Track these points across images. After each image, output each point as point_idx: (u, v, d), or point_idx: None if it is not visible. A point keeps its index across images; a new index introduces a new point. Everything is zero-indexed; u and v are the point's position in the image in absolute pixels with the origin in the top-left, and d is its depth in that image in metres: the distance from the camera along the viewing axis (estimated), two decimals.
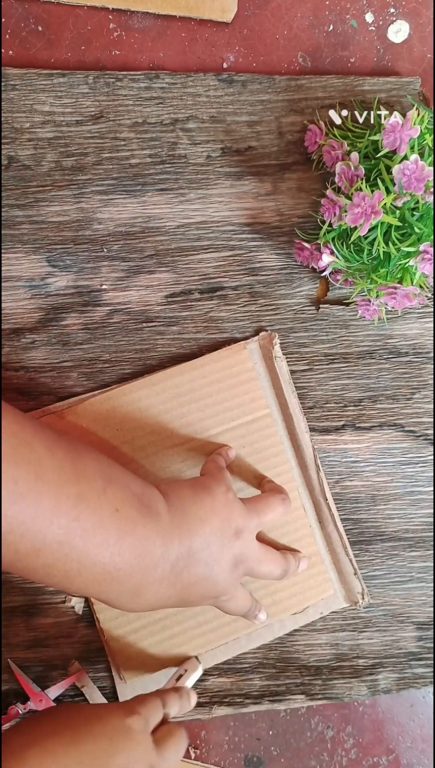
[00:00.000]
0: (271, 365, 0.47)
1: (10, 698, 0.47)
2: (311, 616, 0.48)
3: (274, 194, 0.48)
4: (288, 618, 0.48)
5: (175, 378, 0.47)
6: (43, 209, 0.47)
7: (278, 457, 0.48)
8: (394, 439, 0.49)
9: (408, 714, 0.49)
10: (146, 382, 0.46)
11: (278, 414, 0.48)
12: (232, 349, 0.47)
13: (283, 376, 0.48)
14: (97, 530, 0.33)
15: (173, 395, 0.46)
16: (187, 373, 0.47)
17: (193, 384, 0.47)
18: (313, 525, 0.48)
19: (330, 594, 0.48)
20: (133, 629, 0.46)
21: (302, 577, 0.48)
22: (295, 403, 0.48)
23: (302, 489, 0.49)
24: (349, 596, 0.48)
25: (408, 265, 0.43)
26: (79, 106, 0.47)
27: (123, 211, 0.47)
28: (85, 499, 0.33)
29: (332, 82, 0.48)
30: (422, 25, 0.50)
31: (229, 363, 0.47)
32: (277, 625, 0.48)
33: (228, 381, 0.47)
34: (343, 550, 0.48)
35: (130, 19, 0.48)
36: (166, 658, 0.46)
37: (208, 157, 0.48)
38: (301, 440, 0.48)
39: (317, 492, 0.48)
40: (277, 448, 0.48)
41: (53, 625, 0.47)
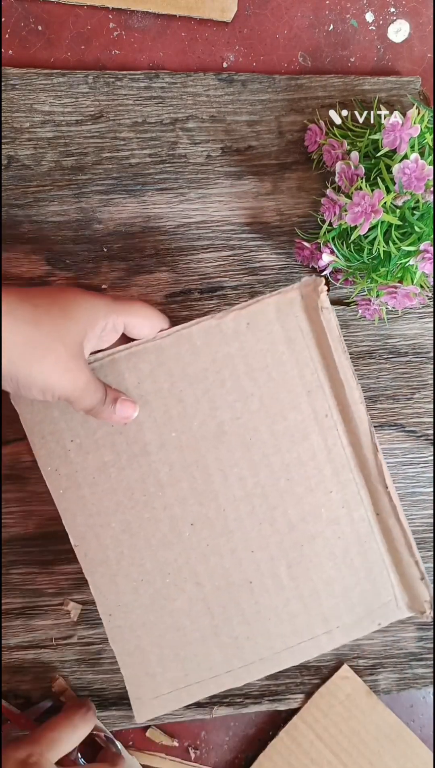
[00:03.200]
0: (316, 318, 0.40)
1: (10, 698, 0.47)
2: (366, 627, 0.42)
3: (274, 194, 0.48)
4: (338, 630, 0.42)
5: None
6: (43, 209, 0.47)
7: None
8: (395, 439, 0.49)
9: (408, 714, 0.49)
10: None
11: (325, 380, 0.41)
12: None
13: (332, 332, 0.40)
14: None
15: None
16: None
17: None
18: (370, 518, 0.42)
19: (388, 600, 0.43)
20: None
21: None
22: (347, 366, 0.40)
23: (356, 473, 0.42)
24: (412, 604, 0.42)
25: (408, 265, 0.43)
26: (78, 105, 0.47)
27: (123, 211, 0.47)
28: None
29: (332, 82, 0.48)
30: (422, 25, 0.50)
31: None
32: (324, 638, 0.42)
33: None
34: (407, 549, 0.42)
35: (130, 19, 0.48)
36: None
37: (208, 156, 0.48)
38: (355, 413, 0.41)
39: (374, 477, 0.41)
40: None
41: (52, 627, 0.47)
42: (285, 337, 0.41)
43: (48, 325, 0.34)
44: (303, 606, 0.42)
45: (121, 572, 0.41)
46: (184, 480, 0.41)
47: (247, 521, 0.42)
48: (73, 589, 0.47)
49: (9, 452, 0.47)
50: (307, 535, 0.42)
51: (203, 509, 0.41)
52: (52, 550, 0.47)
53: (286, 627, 0.42)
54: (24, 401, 0.40)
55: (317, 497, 0.42)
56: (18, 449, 0.47)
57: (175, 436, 0.41)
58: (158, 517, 0.41)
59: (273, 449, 0.41)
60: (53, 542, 0.47)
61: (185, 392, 0.41)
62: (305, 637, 0.42)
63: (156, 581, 0.41)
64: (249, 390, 0.41)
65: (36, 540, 0.47)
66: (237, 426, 0.41)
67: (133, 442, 0.41)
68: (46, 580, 0.47)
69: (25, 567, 0.47)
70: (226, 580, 0.42)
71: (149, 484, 0.41)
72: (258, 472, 0.41)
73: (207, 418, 0.41)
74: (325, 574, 0.42)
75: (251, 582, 0.42)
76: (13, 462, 0.47)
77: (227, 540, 0.42)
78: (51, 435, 0.41)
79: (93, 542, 0.41)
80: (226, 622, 0.42)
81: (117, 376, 0.41)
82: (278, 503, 0.42)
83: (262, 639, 0.42)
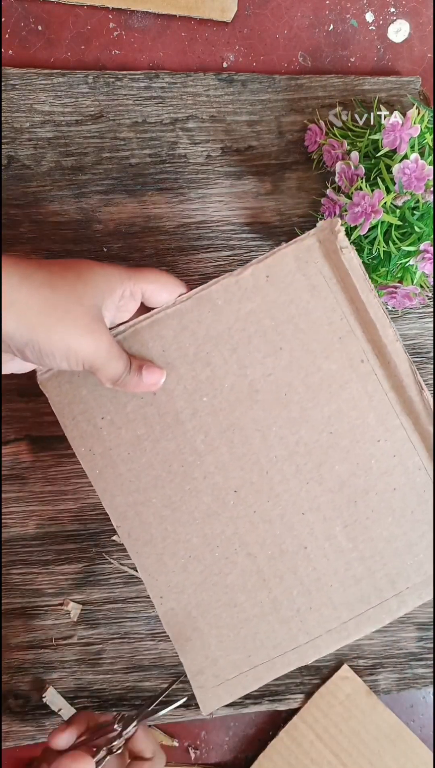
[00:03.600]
0: (338, 261, 0.38)
1: (10, 698, 0.47)
2: (410, 602, 0.40)
3: (274, 194, 0.48)
4: (408, 591, 0.40)
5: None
6: (43, 209, 0.47)
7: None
8: None
9: (408, 714, 0.49)
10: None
11: (356, 323, 0.39)
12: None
13: (355, 270, 0.38)
14: None
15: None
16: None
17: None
18: (425, 464, 0.39)
19: (430, 576, 0.40)
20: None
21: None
22: (377, 304, 0.38)
23: (404, 418, 0.39)
24: None
25: (408, 265, 0.43)
26: (78, 105, 0.47)
27: (123, 211, 0.47)
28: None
29: (332, 82, 0.48)
30: (422, 25, 0.50)
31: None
32: (394, 602, 0.40)
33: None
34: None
35: (129, 19, 0.48)
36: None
37: (208, 156, 0.48)
38: (392, 353, 0.39)
39: (424, 419, 0.39)
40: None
41: (52, 627, 0.47)
42: (308, 285, 0.39)
43: (64, 288, 0.34)
44: (366, 568, 0.40)
45: (167, 551, 0.40)
46: (222, 445, 0.40)
47: (294, 482, 0.40)
48: (73, 589, 0.47)
49: (9, 452, 0.47)
50: (360, 490, 0.40)
51: (246, 474, 0.40)
52: (52, 550, 0.47)
53: (350, 593, 0.40)
54: (52, 385, 0.40)
55: (365, 448, 0.40)
56: (18, 449, 0.47)
57: (207, 401, 0.40)
58: (199, 488, 0.40)
59: (311, 403, 0.40)
60: (53, 542, 0.47)
61: (212, 354, 0.40)
62: (374, 603, 0.40)
63: (205, 557, 0.40)
64: (278, 344, 0.39)
65: (36, 540, 0.47)
66: (269, 383, 0.40)
67: (165, 412, 0.40)
68: (46, 580, 0.47)
69: (25, 567, 0.47)
70: (279, 547, 0.40)
71: (187, 454, 0.40)
72: (298, 428, 0.40)
73: (238, 379, 0.40)
74: (386, 531, 0.40)
75: (306, 547, 0.40)
76: (13, 462, 0.47)
77: (274, 504, 0.40)
78: (81, 415, 0.40)
79: (135, 521, 0.40)
80: (285, 593, 0.40)
81: (141, 347, 0.40)
82: (324, 459, 0.40)
83: (327, 609, 0.40)
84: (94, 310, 0.35)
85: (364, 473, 0.40)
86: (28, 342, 0.33)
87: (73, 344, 0.34)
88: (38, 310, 0.33)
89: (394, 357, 0.39)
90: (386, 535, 0.40)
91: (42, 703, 0.46)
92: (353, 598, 0.40)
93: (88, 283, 0.35)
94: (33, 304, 0.32)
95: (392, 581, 0.40)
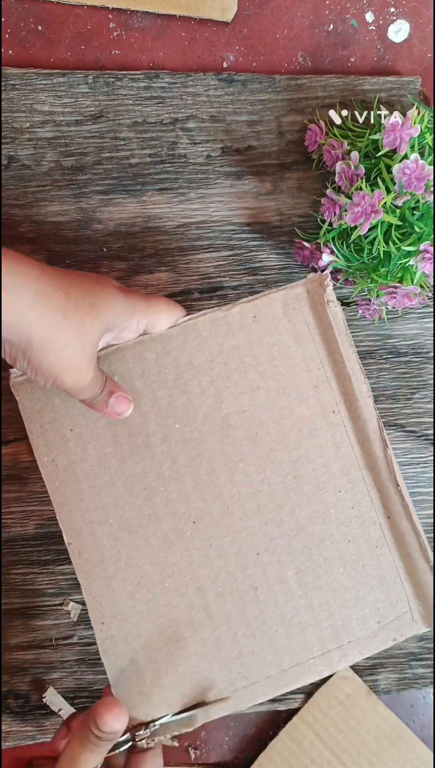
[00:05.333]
0: (323, 313, 0.40)
1: (10, 698, 0.47)
2: (381, 642, 0.40)
3: (274, 194, 0.48)
4: (350, 645, 0.39)
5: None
6: (42, 209, 0.47)
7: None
8: (395, 439, 0.49)
9: (408, 714, 0.49)
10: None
11: (332, 375, 0.40)
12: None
13: (339, 325, 0.40)
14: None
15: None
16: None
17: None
18: (381, 521, 0.40)
19: (403, 612, 0.40)
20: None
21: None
22: (354, 360, 0.40)
23: (365, 472, 0.40)
24: (428, 617, 0.40)
25: (408, 265, 0.43)
26: (78, 105, 0.47)
27: (123, 211, 0.47)
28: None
29: (332, 82, 0.48)
30: (422, 25, 0.50)
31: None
32: (335, 654, 0.39)
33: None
34: (422, 554, 0.39)
35: (129, 19, 0.48)
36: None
37: (208, 156, 0.48)
38: (362, 408, 0.40)
39: (384, 476, 0.40)
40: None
41: (52, 627, 0.47)
42: (292, 331, 0.40)
43: (73, 319, 0.34)
44: (313, 617, 0.40)
45: (117, 575, 0.39)
46: (188, 474, 0.40)
47: (253, 520, 0.40)
48: (73, 589, 0.47)
49: (9, 452, 0.47)
50: (316, 537, 0.40)
51: (207, 506, 0.40)
52: (52, 550, 0.47)
53: (294, 641, 0.39)
54: (24, 389, 0.40)
55: (326, 497, 0.40)
56: (18, 449, 0.47)
57: (179, 428, 0.40)
58: (159, 514, 0.40)
59: (280, 444, 0.40)
60: (53, 542, 0.47)
61: (191, 383, 0.40)
62: (315, 653, 0.39)
63: (155, 586, 0.39)
64: (256, 383, 0.40)
65: (36, 540, 0.47)
66: (243, 419, 0.40)
67: (136, 433, 0.40)
68: (46, 580, 0.47)
69: (25, 567, 0.47)
70: (229, 585, 0.40)
71: (151, 478, 0.40)
72: (264, 468, 0.40)
73: (212, 411, 0.40)
74: (336, 581, 0.40)
75: (257, 588, 0.40)
76: (13, 462, 0.47)
77: (232, 540, 0.40)
78: (50, 424, 0.40)
79: (88, 540, 0.39)
80: (230, 633, 0.39)
81: (122, 365, 0.40)
82: (285, 501, 0.40)
83: (269, 654, 0.39)
84: (92, 347, 0.36)
85: (322, 521, 0.40)
86: (23, 354, 0.34)
87: (60, 376, 0.35)
88: (44, 335, 0.33)
89: (364, 412, 0.40)
90: (336, 586, 0.40)
91: (42, 703, 0.46)
92: (296, 646, 0.39)
93: (97, 317, 0.36)
94: (40, 326, 0.33)
95: (336, 633, 0.40)
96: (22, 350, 0.34)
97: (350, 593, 0.40)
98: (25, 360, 0.34)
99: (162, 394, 0.40)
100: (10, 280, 0.33)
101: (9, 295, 0.32)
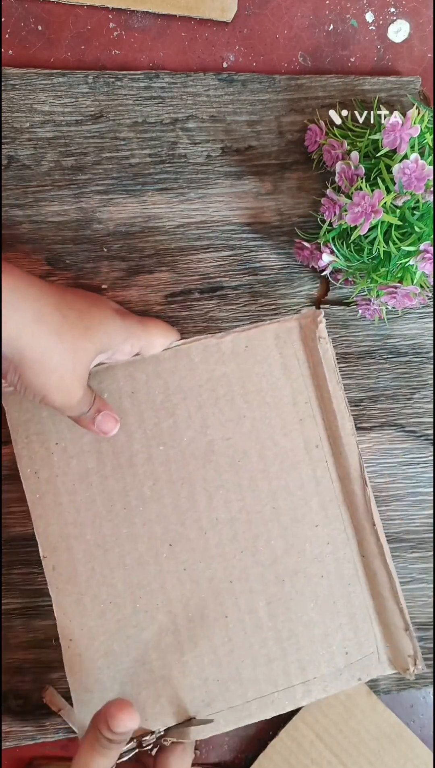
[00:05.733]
0: (313, 349, 0.41)
1: (10, 698, 0.47)
2: (345, 681, 0.40)
3: (274, 194, 0.48)
4: (315, 681, 0.40)
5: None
6: (42, 209, 0.47)
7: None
8: (395, 439, 0.49)
9: (408, 714, 0.49)
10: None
11: (318, 410, 0.41)
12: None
13: (328, 362, 0.41)
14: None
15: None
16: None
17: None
18: (355, 559, 0.41)
19: (370, 653, 0.40)
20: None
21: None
22: (341, 397, 0.41)
23: (343, 509, 0.41)
24: (395, 659, 0.41)
25: (408, 265, 0.43)
26: (78, 105, 0.47)
27: (123, 211, 0.47)
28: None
29: (332, 82, 0.48)
30: (422, 25, 0.50)
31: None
32: (300, 690, 0.40)
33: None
34: (392, 595, 0.40)
35: (129, 19, 0.48)
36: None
37: (208, 156, 0.48)
38: (345, 445, 0.41)
39: (362, 514, 0.40)
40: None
41: (52, 627, 0.47)
42: (282, 363, 0.41)
43: (68, 341, 0.35)
44: (280, 649, 0.40)
45: (89, 592, 0.39)
46: (168, 496, 0.40)
47: (229, 548, 0.40)
48: None
49: (9, 452, 0.47)
50: (290, 569, 0.40)
51: (185, 530, 0.40)
52: None
53: (260, 672, 0.39)
54: (13, 399, 0.40)
55: (302, 530, 0.40)
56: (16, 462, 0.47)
57: (163, 450, 0.41)
58: (136, 534, 0.40)
59: (261, 474, 0.41)
60: None
61: (178, 406, 0.41)
62: (280, 686, 0.40)
63: (126, 606, 0.39)
64: (242, 411, 0.41)
65: (36, 540, 0.47)
66: (227, 446, 0.41)
67: (120, 452, 0.40)
68: (45, 581, 0.47)
69: (25, 567, 0.47)
70: (200, 611, 0.40)
71: (132, 497, 0.40)
72: (244, 496, 0.40)
73: (197, 435, 0.41)
74: (306, 616, 0.40)
75: (227, 617, 0.40)
76: (13, 462, 0.47)
77: (206, 566, 0.40)
78: (36, 435, 0.40)
79: (63, 555, 0.39)
80: (197, 660, 0.39)
81: (112, 383, 0.41)
82: (262, 531, 0.40)
83: (234, 684, 0.39)
84: (83, 369, 0.36)
85: (297, 554, 0.40)
86: (15, 370, 0.35)
87: (49, 394, 0.35)
88: (37, 352, 0.34)
89: (347, 449, 0.40)
90: (305, 620, 0.40)
91: (42, 703, 0.46)
92: (262, 678, 0.39)
93: (90, 340, 0.36)
94: (35, 345, 0.34)
95: (302, 668, 0.40)
96: (14, 366, 0.34)
97: (319, 629, 0.40)
98: (16, 375, 0.35)
99: (149, 415, 0.41)
100: (9, 297, 0.33)
101: (8, 312, 0.33)
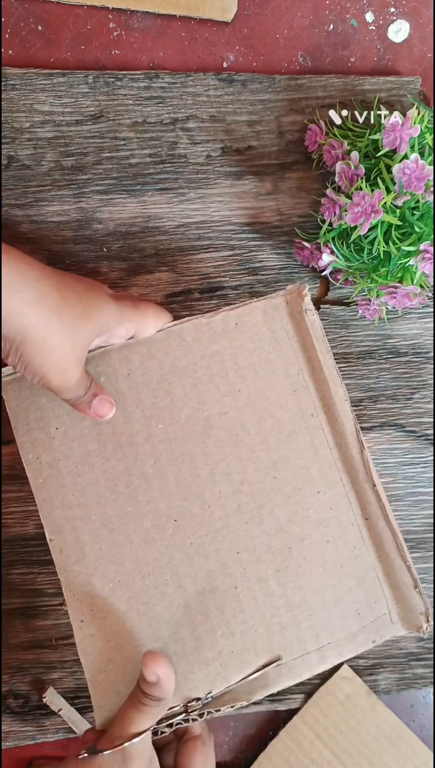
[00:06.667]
0: (301, 322, 0.42)
1: (10, 698, 0.47)
2: (360, 644, 0.40)
3: (274, 194, 0.48)
4: (330, 647, 0.39)
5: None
6: (42, 209, 0.47)
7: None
8: (395, 439, 0.49)
9: (408, 714, 0.49)
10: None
11: (310, 379, 0.42)
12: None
13: (316, 332, 0.41)
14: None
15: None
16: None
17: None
18: (359, 522, 0.41)
19: (382, 614, 0.40)
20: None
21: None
22: (331, 365, 0.41)
23: (343, 474, 0.41)
24: (407, 618, 0.40)
25: (408, 265, 0.43)
26: (78, 105, 0.47)
27: (123, 211, 0.47)
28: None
29: (332, 82, 0.48)
30: (422, 25, 0.50)
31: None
32: (315, 656, 0.39)
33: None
34: (399, 554, 0.40)
35: (130, 19, 0.48)
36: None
37: (208, 156, 0.48)
38: (339, 411, 0.41)
39: (362, 478, 0.41)
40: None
41: (52, 627, 0.47)
42: (272, 338, 0.42)
43: (68, 321, 0.36)
44: (292, 617, 0.39)
45: (97, 572, 0.39)
46: (170, 473, 0.41)
47: (233, 519, 0.40)
48: None
49: (9, 452, 0.47)
50: (296, 536, 0.40)
51: (188, 504, 0.40)
52: None
53: (274, 641, 0.39)
54: (12, 387, 0.41)
55: (305, 497, 0.41)
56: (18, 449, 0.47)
57: (163, 428, 0.41)
58: (141, 512, 0.40)
59: (260, 446, 0.41)
60: None
61: (174, 385, 0.41)
62: (296, 654, 0.39)
63: (135, 583, 0.39)
64: (237, 386, 0.41)
65: (36, 540, 0.47)
66: (224, 421, 0.41)
67: (120, 432, 0.41)
68: (46, 580, 0.47)
69: (25, 567, 0.47)
70: (210, 584, 0.40)
71: (134, 476, 0.40)
72: (245, 468, 0.41)
73: (195, 412, 0.41)
74: (315, 581, 0.40)
75: (237, 587, 0.40)
76: (13, 462, 0.47)
77: (212, 539, 0.40)
78: (36, 422, 0.41)
79: (70, 537, 0.40)
80: (209, 633, 0.39)
81: (108, 367, 0.41)
82: (265, 501, 0.41)
83: (249, 655, 0.39)
84: (81, 351, 0.37)
85: (301, 521, 0.41)
86: (16, 350, 0.35)
87: (48, 374, 0.36)
88: (38, 331, 0.35)
89: (342, 415, 0.41)
90: (315, 586, 0.40)
91: (42, 703, 0.46)
92: (276, 646, 0.39)
93: (90, 321, 0.37)
94: (36, 324, 0.34)
95: (316, 634, 0.40)
96: (16, 346, 0.35)
97: (329, 593, 0.40)
98: (17, 355, 0.35)
99: (146, 395, 0.41)
100: (10, 278, 0.34)
101: (10, 293, 0.33)
